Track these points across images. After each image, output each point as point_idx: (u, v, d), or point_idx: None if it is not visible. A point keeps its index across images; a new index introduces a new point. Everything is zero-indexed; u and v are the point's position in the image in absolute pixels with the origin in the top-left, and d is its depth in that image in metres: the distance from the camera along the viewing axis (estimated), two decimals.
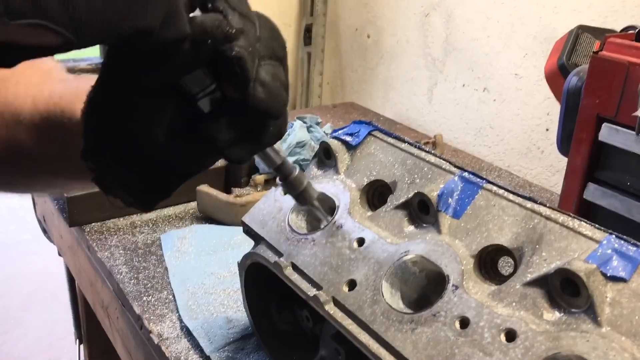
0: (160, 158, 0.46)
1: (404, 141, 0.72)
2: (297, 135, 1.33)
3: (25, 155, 0.58)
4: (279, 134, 0.50)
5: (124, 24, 0.36)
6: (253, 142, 0.48)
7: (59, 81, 0.58)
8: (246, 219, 0.79)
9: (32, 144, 0.56)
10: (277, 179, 0.60)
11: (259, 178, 1.29)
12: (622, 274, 0.48)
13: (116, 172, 0.47)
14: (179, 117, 0.45)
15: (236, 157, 0.48)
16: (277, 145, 0.55)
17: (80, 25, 0.35)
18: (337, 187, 0.73)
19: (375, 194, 0.72)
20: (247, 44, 0.43)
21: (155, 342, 0.88)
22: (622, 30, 0.99)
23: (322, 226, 0.70)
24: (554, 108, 1.47)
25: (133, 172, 0.47)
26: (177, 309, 0.94)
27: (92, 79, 0.43)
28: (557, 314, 0.50)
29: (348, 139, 0.75)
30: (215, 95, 0.45)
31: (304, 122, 1.43)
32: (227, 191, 1.25)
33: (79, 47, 0.36)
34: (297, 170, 0.60)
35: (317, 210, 0.67)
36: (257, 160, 0.56)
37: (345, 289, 0.63)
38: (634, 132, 0.82)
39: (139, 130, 0.44)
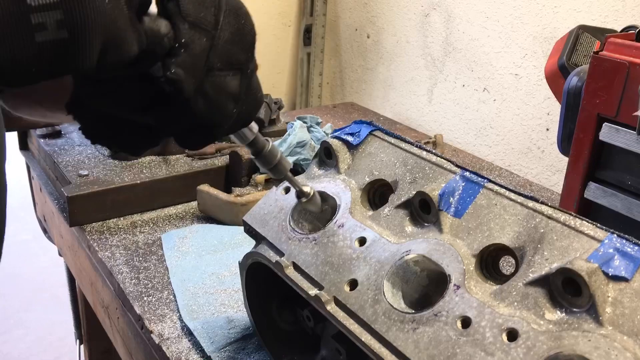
0: (135, 120, 0.47)
1: (405, 141, 0.72)
2: (298, 135, 1.33)
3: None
4: (236, 126, 0.51)
5: (56, 69, 0.36)
6: (205, 136, 0.49)
7: None
8: (247, 218, 0.79)
9: None
10: (250, 154, 0.61)
11: (260, 177, 1.28)
12: (623, 274, 0.48)
13: (99, 125, 0.47)
14: (146, 94, 0.45)
15: (189, 144, 0.49)
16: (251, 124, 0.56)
17: (6, 78, 0.35)
18: (338, 187, 0.73)
19: (377, 194, 0.72)
20: (189, 60, 0.42)
21: (156, 342, 0.88)
22: (622, 30, 0.99)
23: (304, 199, 0.70)
24: (554, 108, 1.47)
25: (113, 127, 0.48)
26: (177, 309, 0.94)
27: None
28: (558, 314, 0.50)
29: (349, 138, 0.75)
30: None
31: (305, 122, 1.43)
32: (228, 191, 1.25)
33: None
34: (270, 144, 0.61)
35: (292, 182, 0.67)
36: (233, 138, 0.58)
37: (347, 288, 0.63)
38: (634, 132, 0.82)
39: (113, 103, 0.45)
